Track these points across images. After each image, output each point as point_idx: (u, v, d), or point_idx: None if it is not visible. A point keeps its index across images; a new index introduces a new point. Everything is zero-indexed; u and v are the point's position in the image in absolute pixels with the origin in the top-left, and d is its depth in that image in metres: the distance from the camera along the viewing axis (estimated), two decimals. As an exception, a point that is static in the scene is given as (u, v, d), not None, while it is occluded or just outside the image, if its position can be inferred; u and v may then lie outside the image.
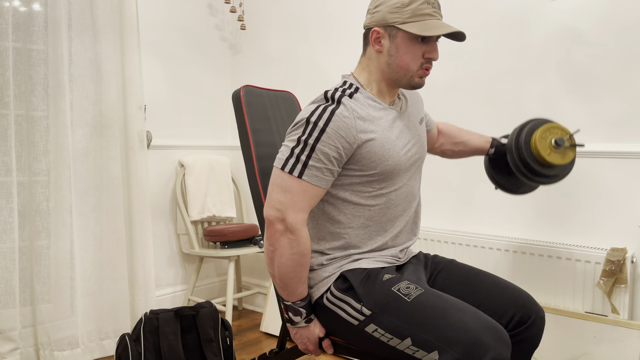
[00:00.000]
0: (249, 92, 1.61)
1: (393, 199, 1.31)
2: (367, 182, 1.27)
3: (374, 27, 1.27)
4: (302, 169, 1.20)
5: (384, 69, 1.29)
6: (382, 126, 1.27)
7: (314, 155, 1.20)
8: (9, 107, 2.16)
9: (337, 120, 1.20)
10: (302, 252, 1.22)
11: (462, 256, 2.14)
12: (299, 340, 1.32)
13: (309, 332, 1.31)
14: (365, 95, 1.29)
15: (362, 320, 1.21)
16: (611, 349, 1.77)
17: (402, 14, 1.22)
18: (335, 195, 1.29)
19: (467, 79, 2.23)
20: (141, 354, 1.85)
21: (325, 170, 1.21)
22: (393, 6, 1.23)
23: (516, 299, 1.31)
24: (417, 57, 1.26)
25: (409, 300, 1.16)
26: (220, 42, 3.16)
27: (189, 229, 2.78)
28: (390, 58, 1.27)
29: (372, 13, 1.28)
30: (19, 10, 2.20)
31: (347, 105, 1.23)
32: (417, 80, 1.28)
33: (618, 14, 1.86)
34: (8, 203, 2.18)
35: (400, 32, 1.24)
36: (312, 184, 1.21)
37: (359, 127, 1.22)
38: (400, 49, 1.25)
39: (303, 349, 1.34)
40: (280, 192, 1.21)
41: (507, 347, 1.08)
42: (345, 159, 1.23)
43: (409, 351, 1.13)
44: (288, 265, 1.22)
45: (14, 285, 2.19)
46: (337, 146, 1.20)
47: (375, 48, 1.28)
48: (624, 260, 1.78)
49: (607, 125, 1.90)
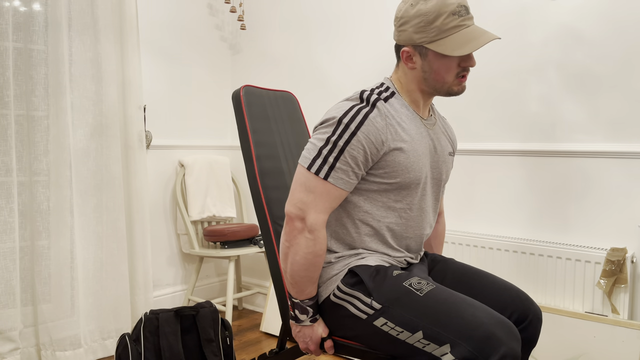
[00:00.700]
0: (248, 92, 1.61)
1: (404, 217, 1.29)
2: (384, 190, 1.26)
3: (403, 46, 1.24)
4: (329, 171, 1.18)
5: (420, 82, 1.27)
6: (412, 137, 1.25)
7: (342, 158, 1.18)
8: (9, 107, 2.16)
9: (369, 124, 1.18)
10: (317, 253, 1.22)
11: (462, 256, 2.14)
12: (301, 339, 1.32)
13: (312, 331, 1.31)
14: (400, 103, 1.27)
15: (371, 314, 1.20)
16: (611, 348, 1.77)
17: (429, 32, 1.18)
18: (348, 199, 1.28)
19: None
20: (141, 354, 1.85)
21: (352, 173, 1.20)
22: (417, 25, 1.19)
23: (513, 299, 1.31)
24: (452, 69, 1.23)
25: (421, 295, 1.16)
26: (220, 42, 3.16)
27: (189, 229, 2.78)
28: (425, 74, 1.25)
29: (398, 30, 1.24)
30: (19, 10, 2.20)
31: (381, 109, 1.21)
32: (456, 89, 1.27)
33: (618, 13, 1.86)
34: (8, 203, 2.18)
35: (430, 50, 1.21)
36: (336, 186, 1.20)
37: (390, 133, 1.20)
38: (434, 65, 1.22)
39: (304, 348, 1.34)
40: (304, 191, 1.20)
41: (518, 343, 1.08)
42: (371, 163, 1.22)
43: (419, 345, 1.13)
44: (302, 264, 1.22)
45: (14, 285, 2.19)
46: (366, 150, 1.19)
47: (408, 66, 1.25)
48: (624, 260, 1.78)
49: (607, 125, 1.90)
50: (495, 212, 2.17)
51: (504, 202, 2.15)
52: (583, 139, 1.95)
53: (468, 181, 2.25)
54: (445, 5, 1.18)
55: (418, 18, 1.19)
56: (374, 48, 2.51)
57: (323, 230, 1.22)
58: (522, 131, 2.10)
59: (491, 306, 1.31)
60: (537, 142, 2.06)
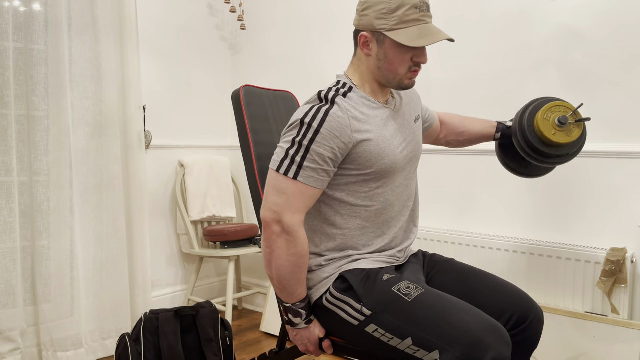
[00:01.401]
0: (248, 92, 1.61)
1: (389, 199, 1.31)
2: (364, 181, 1.27)
3: (362, 31, 1.26)
4: (297, 170, 1.20)
5: (374, 71, 1.29)
6: (377, 125, 1.27)
7: (309, 157, 1.19)
8: (10, 107, 2.16)
9: (331, 120, 1.20)
10: (300, 254, 1.22)
11: (462, 256, 2.14)
12: (300, 341, 1.32)
13: (310, 333, 1.31)
14: (359, 95, 1.29)
15: (362, 321, 1.21)
16: (611, 349, 1.77)
17: (389, 20, 1.21)
18: (331, 196, 1.29)
19: (467, 78, 2.23)
20: (141, 354, 1.85)
21: (321, 170, 1.21)
22: (380, 12, 1.21)
23: (514, 299, 1.30)
24: (405, 62, 1.25)
25: (410, 300, 1.16)
26: (220, 42, 3.16)
27: (189, 229, 2.79)
28: (380, 62, 1.26)
29: (360, 15, 1.27)
30: (19, 10, 2.21)
31: (341, 105, 1.23)
32: (407, 82, 1.29)
33: (618, 13, 1.86)
34: (8, 203, 2.18)
35: (388, 38, 1.23)
36: (307, 184, 1.21)
37: (353, 126, 1.22)
38: (389, 54, 1.24)
39: (304, 350, 1.34)
40: (276, 193, 1.21)
41: (507, 347, 1.08)
42: (340, 158, 1.23)
43: (410, 351, 1.13)
44: (286, 267, 1.22)
45: (14, 285, 2.19)
46: (332, 147, 1.20)
47: (364, 52, 1.28)
48: (624, 260, 1.78)
49: (607, 125, 1.90)
50: (495, 212, 2.17)
51: (504, 202, 2.15)
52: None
53: (468, 181, 2.25)
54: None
55: (381, 5, 1.21)
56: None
57: (302, 230, 1.22)
58: (522, 131, 2.10)
59: (492, 307, 1.30)
60: (537, 142, 2.05)
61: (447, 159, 2.31)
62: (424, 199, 2.38)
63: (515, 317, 1.29)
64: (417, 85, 2.38)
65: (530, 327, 1.29)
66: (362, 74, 1.31)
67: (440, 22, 2.30)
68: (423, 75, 2.36)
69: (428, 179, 2.36)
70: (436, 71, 2.32)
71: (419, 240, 2.27)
